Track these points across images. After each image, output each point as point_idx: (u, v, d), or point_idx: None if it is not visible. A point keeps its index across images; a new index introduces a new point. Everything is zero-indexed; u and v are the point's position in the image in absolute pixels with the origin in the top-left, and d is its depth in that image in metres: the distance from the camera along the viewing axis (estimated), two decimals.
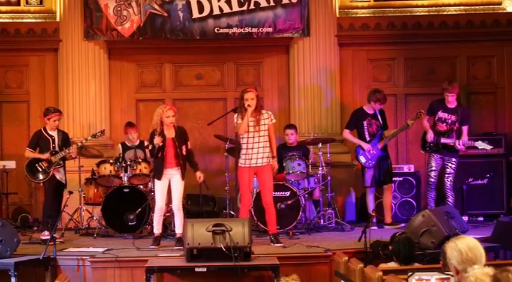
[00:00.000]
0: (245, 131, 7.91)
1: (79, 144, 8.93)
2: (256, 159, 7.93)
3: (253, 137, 7.94)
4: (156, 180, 8.09)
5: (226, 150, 9.41)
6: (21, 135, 10.60)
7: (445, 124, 9.25)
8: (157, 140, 7.86)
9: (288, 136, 9.51)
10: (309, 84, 10.58)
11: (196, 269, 6.71)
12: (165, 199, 8.08)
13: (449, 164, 9.23)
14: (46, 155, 8.55)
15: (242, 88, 10.65)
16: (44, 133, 8.70)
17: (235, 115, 8.05)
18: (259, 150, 7.94)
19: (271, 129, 8.09)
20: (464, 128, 9.29)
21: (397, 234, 6.23)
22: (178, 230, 7.99)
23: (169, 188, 8.09)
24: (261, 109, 8.02)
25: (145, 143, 9.12)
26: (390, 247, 6.19)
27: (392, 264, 5.94)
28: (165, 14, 10.30)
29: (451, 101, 9.24)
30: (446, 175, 9.25)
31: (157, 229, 8.05)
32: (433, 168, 9.26)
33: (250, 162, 7.93)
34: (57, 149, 8.61)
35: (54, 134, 8.70)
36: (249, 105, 7.87)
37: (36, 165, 8.56)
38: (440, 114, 9.27)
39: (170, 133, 8.03)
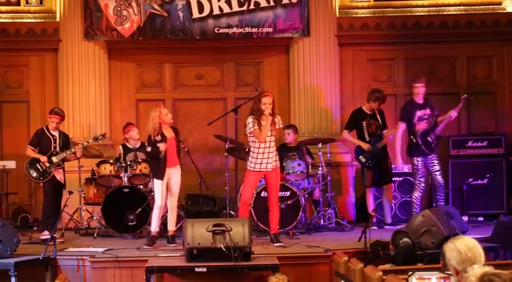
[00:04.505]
0: (265, 138, 7.79)
1: (85, 144, 8.93)
2: (268, 164, 7.84)
3: (270, 142, 7.86)
4: (155, 180, 8.10)
5: (226, 150, 9.40)
6: (21, 136, 10.59)
7: (425, 121, 9.09)
8: (162, 147, 7.93)
9: (285, 136, 9.50)
10: (309, 84, 10.57)
11: (196, 269, 6.71)
12: (165, 198, 8.10)
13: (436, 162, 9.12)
14: (43, 158, 8.51)
15: (242, 88, 10.77)
16: (46, 132, 8.67)
17: (250, 119, 7.84)
18: (271, 154, 7.88)
19: (277, 135, 8.10)
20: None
21: (400, 239, 6.19)
22: (172, 227, 8.05)
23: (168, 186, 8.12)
24: (275, 115, 7.92)
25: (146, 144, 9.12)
26: (391, 246, 6.19)
27: (388, 266, 5.92)
28: (165, 14, 10.29)
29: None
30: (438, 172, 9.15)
31: (154, 227, 8.05)
32: (425, 174, 9.08)
33: (262, 166, 7.84)
34: (57, 149, 8.60)
35: (56, 134, 8.68)
36: (270, 114, 7.73)
37: (37, 165, 8.54)
38: (419, 113, 9.04)
39: (169, 133, 8.12)
